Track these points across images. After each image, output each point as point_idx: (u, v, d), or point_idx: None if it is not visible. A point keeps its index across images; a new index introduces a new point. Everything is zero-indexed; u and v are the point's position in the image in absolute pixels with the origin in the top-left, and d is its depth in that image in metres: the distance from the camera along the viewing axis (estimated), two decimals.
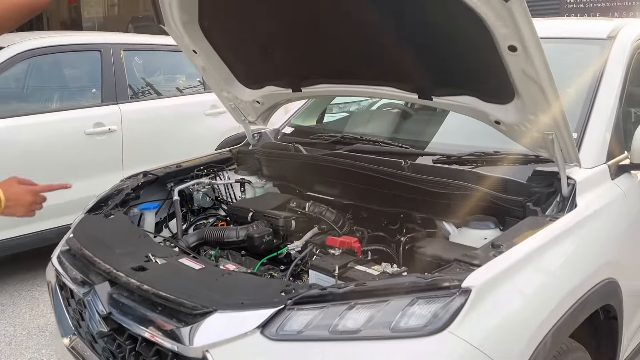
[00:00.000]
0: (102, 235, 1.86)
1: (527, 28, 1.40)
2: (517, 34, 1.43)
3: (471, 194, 1.83)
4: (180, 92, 4.66)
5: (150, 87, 4.45)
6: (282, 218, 2.00)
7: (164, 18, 2.15)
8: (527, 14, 1.38)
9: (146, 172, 2.43)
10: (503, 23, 1.43)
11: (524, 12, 1.37)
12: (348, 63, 2.06)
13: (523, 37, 1.43)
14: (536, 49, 1.45)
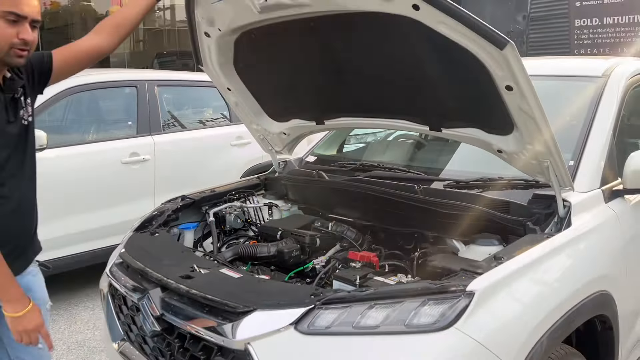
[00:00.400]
0: (150, 250, 2.11)
1: (520, 71, 1.65)
2: (512, 76, 1.68)
3: (478, 214, 2.05)
4: (206, 124, 4.98)
5: (181, 120, 4.78)
6: (308, 236, 2.23)
7: (202, 60, 2.45)
8: (519, 60, 1.63)
9: (184, 196, 2.70)
10: (500, 67, 1.68)
11: (516, 58, 1.63)
12: (366, 99, 2.32)
13: (517, 78, 1.67)
14: (529, 88, 1.69)
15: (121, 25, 2.00)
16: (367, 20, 1.85)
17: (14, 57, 1.63)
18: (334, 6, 1.87)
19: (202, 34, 2.30)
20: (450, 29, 1.66)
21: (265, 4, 1.97)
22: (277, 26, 2.09)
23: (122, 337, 2.09)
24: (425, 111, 2.19)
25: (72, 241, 3.91)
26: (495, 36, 1.60)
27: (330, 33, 2.05)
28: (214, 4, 2.12)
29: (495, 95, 1.79)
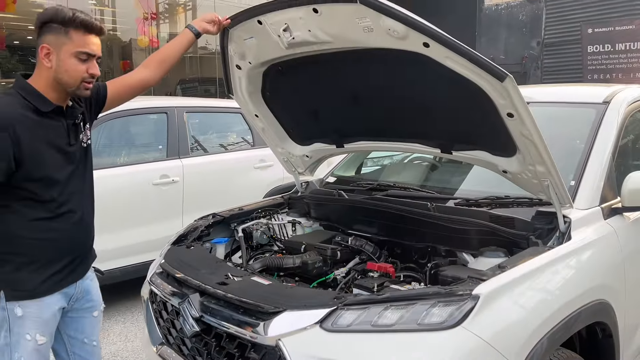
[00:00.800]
0: (188, 261, 2.33)
1: (519, 100, 1.87)
2: (513, 105, 1.89)
3: (486, 230, 2.25)
4: (231, 148, 5.25)
5: (207, 144, 5.06)
6: (330, 249, 2.44)
7: (233, 89, 2.70)
8: (518, 90, 1.85)
9: (214, 214, 2.93)
10: (501, 96, 1.90)
11: (515, 89, 1.84)
12: (383, 124, 2.55)
13: (517, 107, 1.89)
14: (528, 115, 1.90)
15: (165, 60, 2.26)
16: (384, 55, 2.08)
17: (83, 90, 1.89)
18: (353, 43, 2.12)
19: (234, 67, 2.55)
20: (456, 63, 1.88)
21: (293, 41, 2.22)
22: (302, 59, 2.34)
23: (161, 341, 2.31)
24: (436, 135, 2.41)
25: (105, 258, 4.15)
26: (496, 70, 1.82)
27: (350, 65, 2.29)
28: (245, 40, 2.38)
29: (499, 122, 2.00)
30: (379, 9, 1.86)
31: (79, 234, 1.99)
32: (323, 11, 2.02)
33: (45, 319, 1.92)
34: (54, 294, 1.93)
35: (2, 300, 1.87)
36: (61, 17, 1.81)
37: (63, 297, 1.98)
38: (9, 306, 1.87)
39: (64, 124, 1.93)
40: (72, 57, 1.83)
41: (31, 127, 1.81)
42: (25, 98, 1.83)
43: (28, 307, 1.88)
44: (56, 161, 1.89)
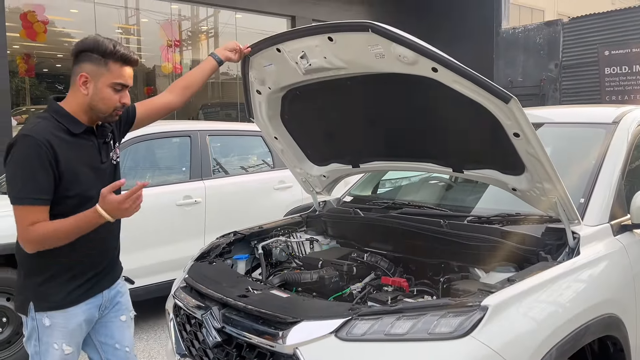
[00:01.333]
0: (210, 275, 2.44)
1: (524, 120, 1.96)
2: (518, 125, 1.98)
3: (497, 246, 2.32)
4: (251, 170, 5.40)
5: (229, 166, 5.21)
6: (346, 265, 2.53)
7: (254, 113, 2.84)
8: (523, 111, 1.94)
9: (236, 232, 3.05)
10: (507, 117, 1.99)
11: (520, 110, 1.94)
12: (396, 145, 2.66)
13: (522, 127, 1.98)
14: (533, 135, 1.99)
15: (189, 87, 2.41)
16: (395, 79, 2.20)
17: (114, 117, 2.04)
18: (367, 69, 2.24)
19: (255, 92, 2.70)
20: (464, 86, 1.99)
21: (309, 67, 2.35)
22: (319, 84, 2.48)
23: (184, 352, 2.41)
24: (448, 155, 2.50)
25: (130, 276, 4.29)
26: (501, 92, 1.92)
27: (364, 89, 2.42)
28: (265, 67, 2.52)
29: (506, 141, 2.09)
30: (390, 37, 1.99)
31: (106, 247, 2.12)
32: (337, 39, 2.16)
33: (70, 329, 2.03)
34: (79, 305, 2.04)
35: (32, 310, 1.98)
36: (102, 49, 1.94)
37: (90, 307, 2.09)
38: (38, 316, 1.98)
39: (95, 142, 2.06)
40: (109, 87, 1.96)
41: (65, 147, 1.93)
42: (58, 120, 1.96)
43: (55, 317, 1.99)
44: (89, 179, 2.01)
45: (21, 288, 2.05)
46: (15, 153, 1.88)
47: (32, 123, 1.95)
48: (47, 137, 1.89)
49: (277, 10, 11.29)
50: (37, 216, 1.87)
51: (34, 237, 1.88)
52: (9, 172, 1.90)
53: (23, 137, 1.88)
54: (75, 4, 10.13)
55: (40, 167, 1.86)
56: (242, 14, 11.41)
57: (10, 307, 3.78)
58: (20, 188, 1.86)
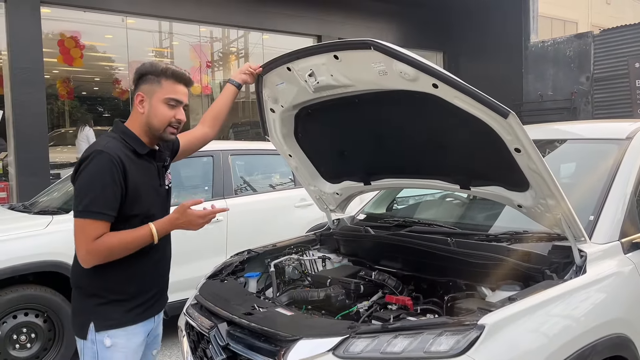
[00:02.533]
0: (220, 293, 2.51)
1: (523, 135, 1.96)
2: (518, 140, 1.99)
3: (503, 264, 2.31)
4: (274, 188, 5.48)
5: (250, 185, 5.31)
6: (353, 283, 2.55)
7: (269, 131, 2.91)
8: (522, 126, 1.95)
9: (249, 250, 3.11)
10: (507, 132, 2.00)
11: (519, 125, 1.94)
12: (405, 162, 2.68)
13: (522, 142, 1.99)
14: (533, 150, 1.99)
15: (218, 116, 2.54)
16: (400, 97, 2.24)
17: (168, 134, 2.09)
18: (372, 86, 2.29)
19: (269, 110, 2.78)
20: (463, 102, 2.01)
21: (318, 85, 2.42)
22: (329, 102, 2.54)
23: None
24: (454, 172, 2.51)
25: None
26: (499, 107, 1.94)
27: (371, 107, 2.46)
28: (277, 86, 2.61)
29: (509, 157, 2.10)
30: (391, 54, 2.04)
31: (163, 269, 2.19)
32: (342, 57, 2.22)
33: (132, 349, 2.06)
34: (137, 325, 2.07)
35: (92, 332, 2.00)
36: (155, 69, 2.07)
37: (144, 330, 2.12)
38: (99, 337, 2.00)
39: (155, 165, 2.14)
40: (162, 103, 2.05)
41: (133, 166, 2.01)
42: (125, 140, 2.05)
43: (116, 337, 2.02)
44: (151, 199, 2.09)
45: (80, 310, 2.06)
46: (89, 167, 1.94)
47: (104, 140, 2.03)
48: (119, 154, 1.97)
49: (304, 30, 11.48)
50: (101, 231, 1.93)
51: (100, 250, 1.92)
52: (79, 185, 1.96)
53: (98, 153, 1.95)
54: (109, 30, 10.53)
55: (112, 182, 1.93)
56: (268, 34, 11.64)
57: (39, 324, 3.93)
58: (90, 201, 1.91)
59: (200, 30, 11.43)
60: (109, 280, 2.02)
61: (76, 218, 1.94)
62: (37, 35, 8.08)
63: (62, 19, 9.54)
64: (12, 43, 7.88)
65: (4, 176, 8.88)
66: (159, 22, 11.41)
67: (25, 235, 3.97)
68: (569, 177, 2.90)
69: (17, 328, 3.84)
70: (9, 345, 3.81)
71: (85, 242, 1.93)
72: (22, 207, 4.77)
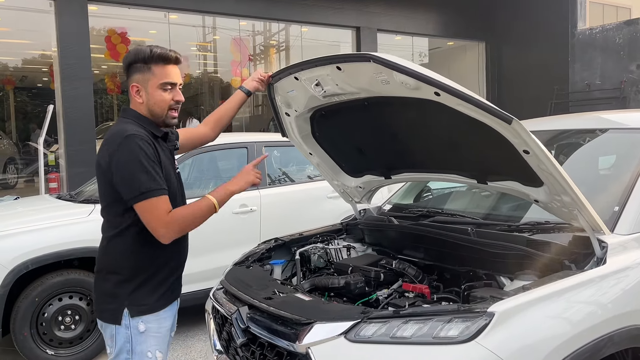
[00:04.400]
0: (244, 279, 2.61)
1: (529, 139, 1.95)
2: (524, 143, 1.98)
3: (522, 254, 2.31)
4: (307, 179, 5.56)
5: (283, 175, 5.41)
6: (374, 271, 2.60)
7: (287, 133, 2.98)
8: (526, 130, 1.93)
9: (276, 238, 3.20)
10: (513, 136, 2.00)
11: (524, 130, 1.93)
12: (422, 158, 2.71)
13: (529, 144, 1.97)
14: (541, 152, 1.98)
15: (220, 120, 2.58)
16: (407, 100, 2.25)
17: (170, 118, 2.12)
18: (378, 93, 2.33)
19: (284, 114, 2.84)
20: (467, 108, 2.01)
21: (325, 93, 2.47)
22: (340, 105, 2.58)
23: (221, 350, 2.58)
24: (471, 167, 2.52)
25: (189, 280, 4.56)
26: (502, 114, 1.92)
27: (381, 109, 2.49)
28: (289, 93, 2.67)
29: (520, 157, 2.09)
30: (390, 66, 2.05)
31: (184, 252, 2.26)
32: (345, 69, 2.27)
33: (163, 333, 2.11)
34: (165, 309, 2.12)
35: (126, 317, 2.03)
36: (142, 56, 2.06)
37: (172, 314, 2.17)
38: (133, 323, 2.03)
39: (168, 148, 2.18)
40: (158, 89, 2.07)
41: (157, 147, 2.05)
42: (142, 125, 2.06)
43: (149, 322, 2.05)
44: (172, 180, 2.11)
45: (112, 295, 2.06)
46: (125, 152, 1.94)
47: (123, 126, 2.03)
48: (147, 135, 2.01)
49: (343, 22, 11.48)
50: (168, 204, 1.97)
51: (177, 220, 1.97)
52: (124, 172, 1.94)
53: (128, 137, 1.96)
54: (153, 26, 10.84)
55: (153, 160, 1.97)
56: (308, 27, 11.70)
57: (82, 306, 4.15)
58: (147, 181, 1.93)
59: (240, 24, 11.61)
60: (139, 265, 2.05)
61: (141, 202, 1.94)
62: (84, 32, 8.43)
63: (108, 15, 9.90)
64: (62, 39, 8.25)
65: (55, 167, 9.33)
66: (201, 17, 11.66)
67: (69, 223, 4.20)
68: (608, 167, 2.84)
69: (62, 310, 4.08)
70: (55, 326, 4.05)
71: (161, 218, 1.95)
72: (69, 197, 5.02)
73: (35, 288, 3.98)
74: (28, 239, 4.00)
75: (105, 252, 2.13)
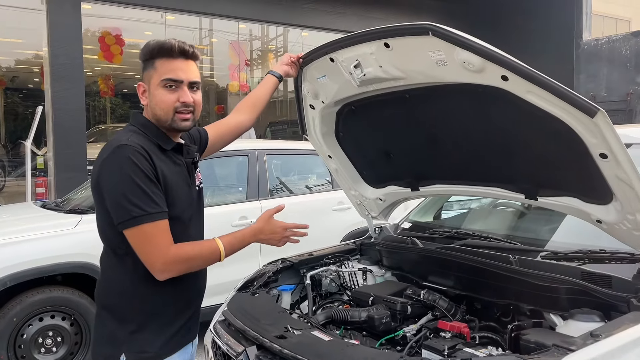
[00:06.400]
0: (250, 310, 2.25)
1: (613, 138, 1.63)
2: (605, 144, 1.66)
3: (577, 288, 1.97)
4: (312, 190, 5.23)
5: (286, 186, 5.07)
6: (400, 303, 2.26)
7: (307, 129, 2.65)
8: (612, 127, 1.62)
9: (284, 259, 2.85)
10: (592, 134, 1.68)
11: (608, 125, 1.61)
12: (460, 166, 2.37)
13: (611, 146, 1.65)
14: (624, 156, 1.66)
15: (256, 104, 2.29)
16: (459, 91, 1.94)
17: (180, 122, 1.75)
18: (427, 79, 2.00)
19: (308, 107, 2.52)
20: (539, 97, 1.70)
21: (364, 78, 2.14)
22: (375, 98, 2.26)
23: None
24: (519, 179, 2.19)
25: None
26: (585, 104, 1.61)
27: (424, 103, 2.17)
28: (318, 79, 2.34)
29: (591, 163, 1.77)
30: (453, 41, 1.76)
31: (200, 284, 1.90)
32: (394, 45, 1.95)
33: None
34: (173, 356, 1.77)
35: None
36: (147, 51, 1.75)
37: (185, 358, 1.85)
38: None
39: (184, 163, 1.82)
40: (160, 87, 1.73)
41: (162, 162, 1.71)
42: (147, 135, 1.74)
43: None
44: (186, 200, 1.78)
45: (108, 337, 1.73)
46: (114, 166, 1.62)
47: (124, 135, 1.71)
48: (144, 147, 1.67)
49: (344, 27, 11.18)
50: (167, 234, 1.63)
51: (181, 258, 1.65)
52: (117, 189, 1.61)
53: (119, 148, 1.63)
54: (148, 26, 10.53)
55: (148, 177, 1.63)
56: (308, 31, 11.41)
57: (65, 327, 3.78)
58: (142, 202, 1.59)
59: (239, 27, 11.30)
60: (141, 300, 1.71)
61: (131, 229, 1.61)
62: (77, 31, 8.07)
63: (102, 15, 9.57)
64: (53, 38, 7.89)
65: (43, 172, 8.94)
66: (198, 19, 11.35)
67: (53, 235, 3.83)
68: None
69: (43, 331, 3.71)
70: (34, 348, 3.68)
71: (160, 252, 1.62)
72: (54, 205, 4.65)
73: (14, 307, 3.61)
74: (6, 253, 3.62)
75: (101, 285, 1.80)
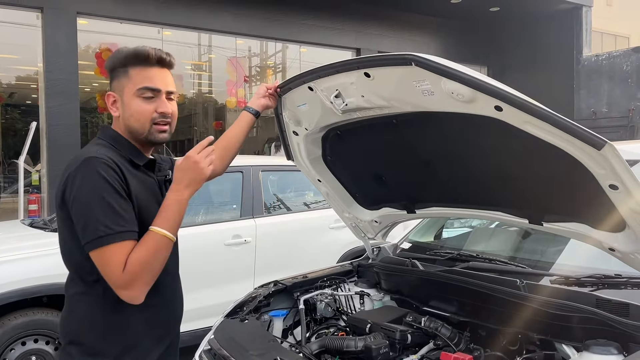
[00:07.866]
0: (238, 338, 2.09)
1: (622, 170, 1.49)
2: (615, 175, 1.52)
3: (591, 317, 1.82)
4: (308, 207, 5.07)
5: (281, 203, 4.92)
6: (399, 331, 2.10)
7: (293, 155, 2.50)
8: (621, 158, 1.47)
9: (276, 281, 2.69)
10: (600, 166, 1.54)
11: (617, 157, 1.47)
12: (457, 189, 2.22)
13: (621, 177, 1.51)
14: (636, 187, 1.51)
15: (226, 151, 2.08)
16: (451, 117, 1.79)
17: (157, 134, 1.64)
18: (413, 107, 1.85)
19: (291, 133, 2.37)
20: (537, 128, 1.56)
21: (346, 108, 2.01)
22: (361, 123, 2.11)
23: None
24: (522, 203, 2.04)
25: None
26: (590, 136, 1.47)
27: (413, 129, 2.02)
28: (299, 107, 2.20)
29: (600, 193, 1.62)
30: (438, 71, 1.60)
31: (176, 310, 1.75)
32: (375, 75, 1.80)
33: None
34: None
35: None
36: (119, 57, 1.62)
37: None
38: None
39: (156, 180, 1.71)
40: (135, 97, 1.61)
41: (133, 178, 1.59)
42: (118, 149, 1.62)
43: None
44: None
45: None
46: (80, 181, 1.48)
47: (92, 148, 1.59)
48: (114, 160, 1.54)
49: (342, 43, 11.17)
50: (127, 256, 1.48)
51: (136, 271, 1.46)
52: (82, 206, 1.47)
53: (86, 161, 1.50)
54: (146, 42, 10.42)
55: (118, 192, 1.49)
56: (307, 47, 11.36)
57: (49, 352, 3.61)
58: (109, 220, 1.46)
59: (237, 43, 11.24)
60: (111, 332, 1.56)
61: (97, 250, 1.46)
62: (72, 46, 8.00)
63: (99, 31, 9.49)
64: (48, 53, 7.81)
65: (37, 188, 8.80)
66: (197, 35, 11.29)
67: (37, 255, 3.67)
68: None
69: (26, 356, 3.53)
70: None
71: (118, 274, 1.46)
72: (42, 224, 4.50)
73: None
74: None
75: (66, 316, 1.62)
